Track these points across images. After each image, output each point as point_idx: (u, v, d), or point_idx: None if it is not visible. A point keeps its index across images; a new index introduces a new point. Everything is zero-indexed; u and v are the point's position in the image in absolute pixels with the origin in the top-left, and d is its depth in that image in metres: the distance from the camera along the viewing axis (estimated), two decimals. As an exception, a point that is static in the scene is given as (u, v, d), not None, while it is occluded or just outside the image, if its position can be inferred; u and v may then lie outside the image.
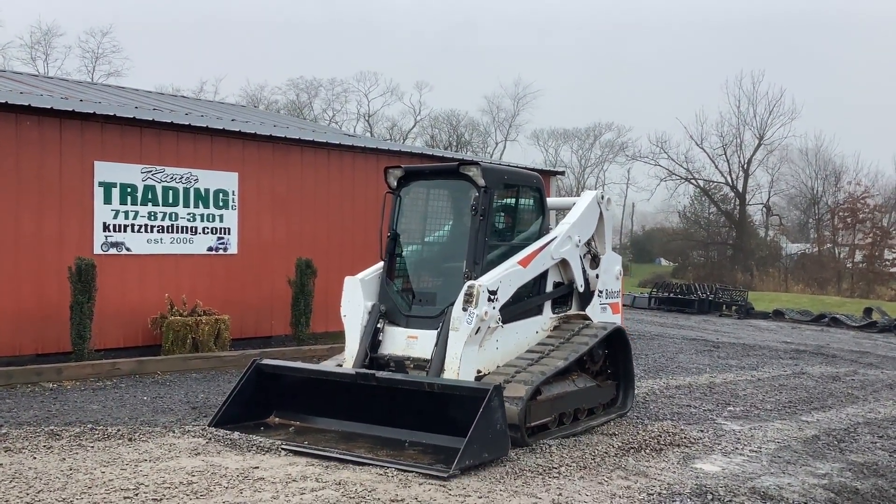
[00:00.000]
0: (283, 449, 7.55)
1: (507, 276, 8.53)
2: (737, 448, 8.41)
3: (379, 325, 8.74)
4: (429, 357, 8.29)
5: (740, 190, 52.68)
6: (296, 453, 7.43)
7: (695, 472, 7.41)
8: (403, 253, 9.21)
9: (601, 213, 10.20)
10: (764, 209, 55.92)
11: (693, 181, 54.56)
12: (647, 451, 8.09)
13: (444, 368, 8.10)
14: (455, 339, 8.11)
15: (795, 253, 51.63)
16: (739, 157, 52.94)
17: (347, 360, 8.78)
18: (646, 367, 14.10)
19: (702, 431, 9.07)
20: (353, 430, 8.01)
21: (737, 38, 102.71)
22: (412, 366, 8.43)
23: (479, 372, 8.28)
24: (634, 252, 67.66)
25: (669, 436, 8.67)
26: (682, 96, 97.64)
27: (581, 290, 9.78)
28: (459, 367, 8.03)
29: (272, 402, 8.63)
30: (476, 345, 8.22)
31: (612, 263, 10.43)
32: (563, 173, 25.64)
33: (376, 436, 7.86)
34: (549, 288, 9.45)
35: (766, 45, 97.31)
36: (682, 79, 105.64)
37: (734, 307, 27.17)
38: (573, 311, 9.77)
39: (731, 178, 53.19)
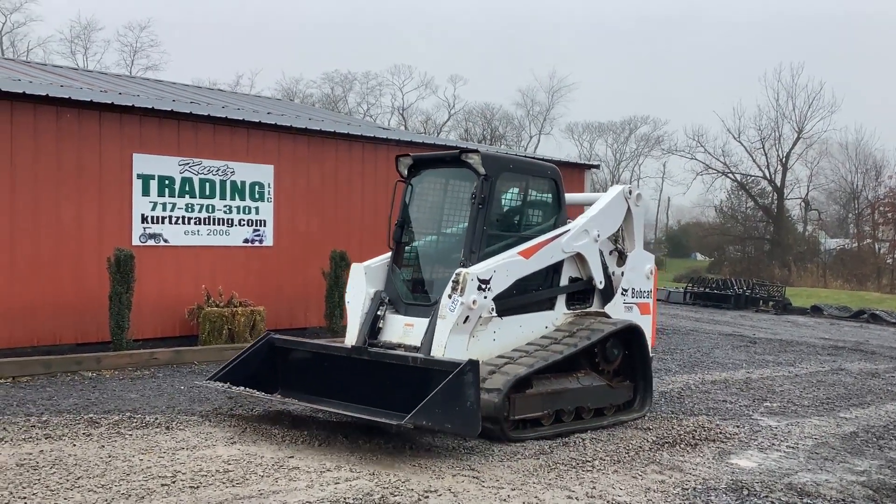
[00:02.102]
0: (268, 400, 8.29)
1: (503, 265, 8.30)
2: (773, 444, 8.31)
3: (379, 313, 8.63)
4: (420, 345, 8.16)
5: (778, 184, 52.01)
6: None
7: (730, 467, 7.35)
8: (410, 241, 9.10)
9: (629, 208, 9.84)
10: (802, 204, 55.22)
11: (730, 175, 54.01)
12: (682, 445, 8.03)
13: (431, 356, 7.90)
14: (441, 326, 7.96)
15: (834, 248, 50.91)
16: (778, 151, 52.28)
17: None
18: (681, 361, 13.99)
19: (738, 427, 8.98)
20: (350, 411, 7.78)
21: (776, 30, 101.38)
22: (404, 353, 8.25)
23: None
24: (670, 247, 67.12)
25: (705, 431, 8.60)
26: (719, 89, 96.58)
27: (601, 286, 9.42)
28: (444, 355, 7.82)
29: (279, 380, 8.77)
30: (465, 334, 8.04)
31: (641, 261, 10.00)
32: (597, 167, 25.55)
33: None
34: (564, 282, 9.20)
35: (805, 38, 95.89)
36: (720, 71, 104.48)
37: (771, 303, 26.89)
38: (593, 308, 9.46)
39: (770, 173, 52.56)
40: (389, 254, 9.10)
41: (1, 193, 11.63)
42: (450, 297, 7.93)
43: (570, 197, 10.07)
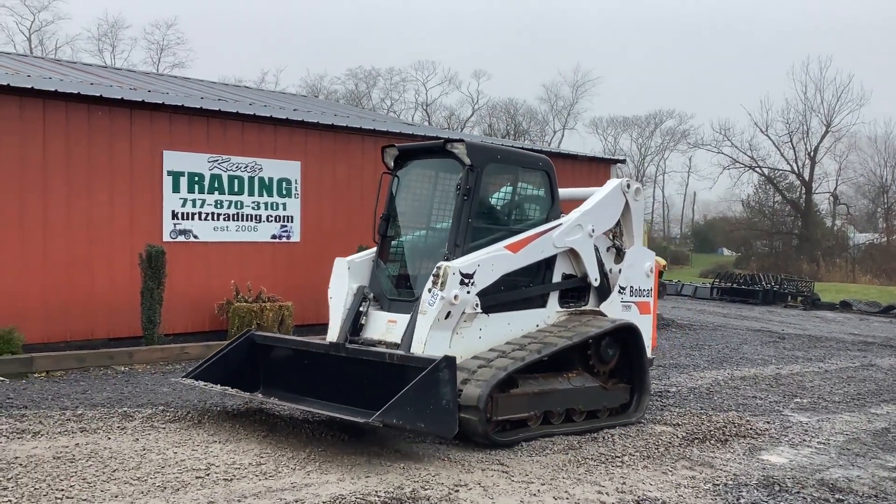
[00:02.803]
0: (246, 399, 8.08)
1: (489, 259, 7.90)
2: (804, 440, 8.26)
3: (362, 309, 8.33)
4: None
5: (806, 178, 51.57)
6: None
7: (761, 463, 7.32)
8: (396, 235, 8.80)
9: (627, 202, 9.39)
10: (831, 198, 54.71)
11: (757, 169, 53.62)
12: (713, 441, 8.00)
13: (410, 353, 7.61)
14: (422, 322, 7.63)
15: (863, 243, 50.37)
16: (806, 145, 51.89)
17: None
18: (710, 357, 13.92)
19: (768, 423, 8.93)
20: (327, 410, 7.60)
21: (802, 22, 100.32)
22: (382, 350, 7.98)
23: None
24: (696, 242, 66.76)
25: (735, 427, 8.55)
26: (746, 82, 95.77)
27: (595, 283, 8.98)
28: (424, 352, 7.49)
29: (260, 378, 8.64)
30: (447, 330, 7.68)
31: (641, 259, 9.48)
32: (623, 161, 25.44)
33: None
34: (557, 279, 8.80)
35: (832, 29, 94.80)
36: (747, 64, 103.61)
37: (800, 298, 26.68)
38: (589, 306, 9.04)
39: (797, 166, 52.13)
40: (375, 248, 8.86)
41: (34, 191, 11.81)
42: (430, 291, 7.61)
43: (567, 192, 9.72)
